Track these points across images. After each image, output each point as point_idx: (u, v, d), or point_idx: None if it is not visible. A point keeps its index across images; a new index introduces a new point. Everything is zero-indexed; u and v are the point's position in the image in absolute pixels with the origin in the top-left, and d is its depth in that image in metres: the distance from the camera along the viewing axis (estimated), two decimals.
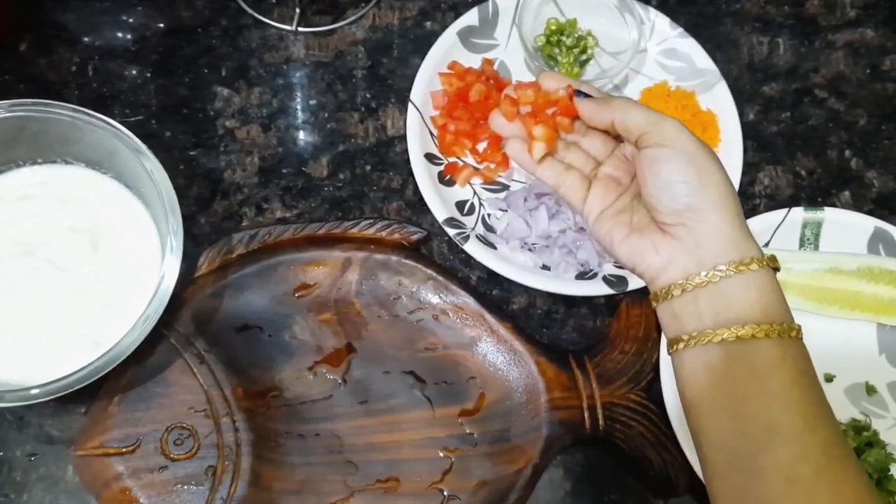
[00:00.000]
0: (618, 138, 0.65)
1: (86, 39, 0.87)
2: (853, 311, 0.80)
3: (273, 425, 0.73)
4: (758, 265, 0.57)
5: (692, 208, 0.58)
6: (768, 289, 0.57)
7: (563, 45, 0.89)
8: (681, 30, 0.90)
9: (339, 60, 0.89)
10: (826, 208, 0.82)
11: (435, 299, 0.78)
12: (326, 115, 0.87)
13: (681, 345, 0.58)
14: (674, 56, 0.90)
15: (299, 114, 0.87)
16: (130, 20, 0.88)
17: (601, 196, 0.65)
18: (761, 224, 0.81)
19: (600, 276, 0.80)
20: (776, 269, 0.58)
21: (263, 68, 0.88)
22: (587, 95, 0.64)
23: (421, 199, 0.81)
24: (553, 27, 0.89)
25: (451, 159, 0.84)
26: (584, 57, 0.90)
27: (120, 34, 0.88)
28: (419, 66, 0.86)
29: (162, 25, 0.88)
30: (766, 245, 0.82)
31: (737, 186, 0.84)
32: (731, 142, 0.86)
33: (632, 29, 0.87)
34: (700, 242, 0.58)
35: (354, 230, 0.80)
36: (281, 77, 0.88)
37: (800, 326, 0.57)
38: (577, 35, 0.90)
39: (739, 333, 0.55)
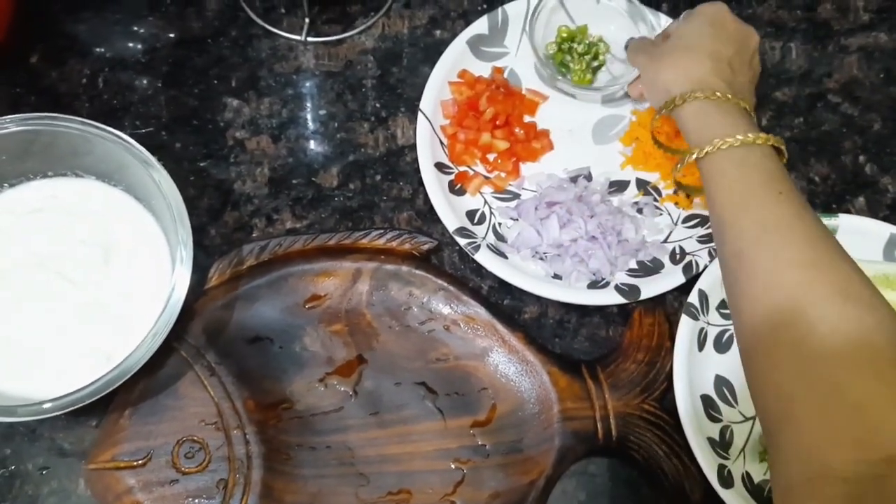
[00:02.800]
0: None
1: (97, 51, 0.87)
2: None
3: (284, 437, 0.72)
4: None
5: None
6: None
7: (574, 52, 0.89)
8: None
9: (348, 70, 0.89)
10: (840, 215, 0.81)
11: (446, 309, 0.77)
12: (336, 124, 0.87)
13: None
14: None
15: (309, 124, 0.86)
16: (141, 31, 0.89)
17: None
18: None
19: (612, 285, 0.79)
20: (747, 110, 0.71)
21: (273, 78, 0.88)
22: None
23: (431, 208, 0.81)
24: (564, 34, 0.89)
25: (462, 168, 0.84)
26: (595, 63, 0.89)
27: (130, 45, 0.88)
28: (429, 74, 0.86)
29: (172, 36, 0.89)
30: None
31: None
32: None
33: (643, 35, 0.87)
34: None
35: (365, 240, 0.79)
36: (291, 87, 0.88)
37: (756, 137, 0.66)
38: (588, 42, 0.89)
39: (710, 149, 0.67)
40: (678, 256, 0.81)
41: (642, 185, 0.85)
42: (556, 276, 0.80)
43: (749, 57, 0.77)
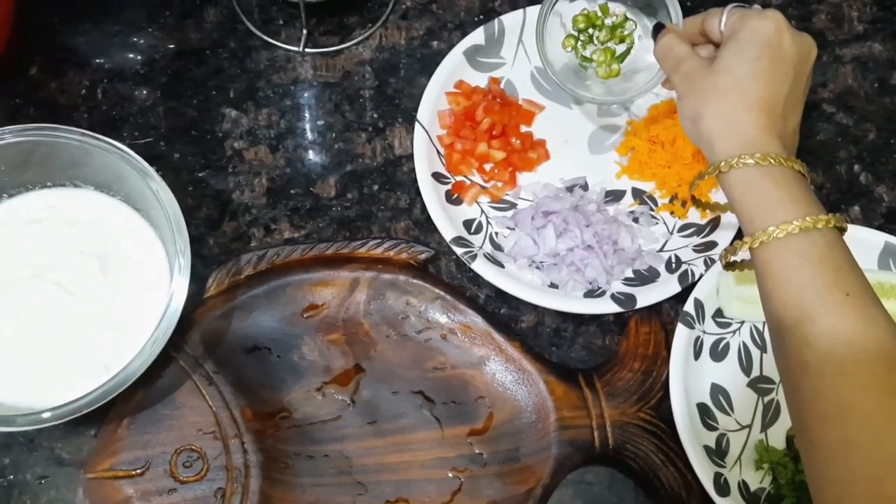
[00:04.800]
0: None
1: (96, 62, 0.88)
2: None
3: (282, 446, 0.73)
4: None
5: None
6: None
7: (596, 40, 0.81)
8: None
9: (346, 81, 0.89)
10: None
11: (443, 318, 0.78)
12: (334, 135, 0.87)
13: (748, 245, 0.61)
14: None
15: (307, 134, 0.87)
16: (140, 43, 0.89)
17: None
18: None
19: (608, 294, 0.79)
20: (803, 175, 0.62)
21: (271, 89, 0.88)
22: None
23: (428, 218, 0.81)
24: (581, 24, 0.80)
25: (459, 178, 0.85)
26: (623, 47, 0.81)
27: (129, 56, 0.89)
28: (426, 85, 0.86)
29: (171, 47, 0.89)
30: None
31: None
32: None
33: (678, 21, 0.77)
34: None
35: (362, 250, 0.80)
36: (289, 98, 0.88)
37: (816, 220, 0.58)
38: (610, 24, 0.80)
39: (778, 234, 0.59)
40: (674, 265, 0.81)
41: (638, 194, 0.85)
42: (553, 286, 0.80)
43: (805, 81, 0.67)
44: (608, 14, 0.80)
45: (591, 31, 0.80)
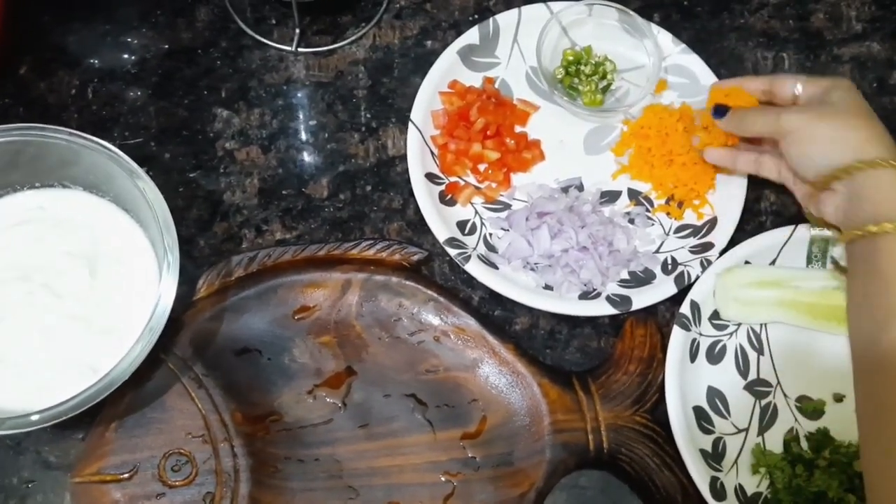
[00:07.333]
0: None
1: (86, 62, 0.87)
2: None
3: (272, 450, 0.72)
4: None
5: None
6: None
7: (582, 73, 0.88)
8: (684, 46, 0.89)
9: (339, 80, 0.89)
10: None
11: (436, 321, 0.77)
12: (327, 135, 0.86)
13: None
14: (677, 72, 0.89)
15: (299, 134, 0.86)
16: (131, 42, 0.88)
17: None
18: (768, 241, 0.80)
19: (603, 295, 0.79)
20: None
21: (263, 89, 0.87)
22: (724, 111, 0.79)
23: (422, 219, 0.80)
24: (570, 58, 0.89)
25: (452, 179, 0.84)
26: (604, 83, 0.88)
27: (120, 56, 0.88)
28: (420, 85, 0.86)
29: (163, 47, 0.88)
30: (773, 262, 0.80)
31: (742, 203, 0.83)
32: None
33: (651, 56, 0.87)
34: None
35: (354, 251, 0.79)
36: (281, 98, 0.87)
37: None
38: (594, 62, 0.89)
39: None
40: (670, 267, 0.80)
41: (634, 195, 0.84)
42: (548, 287, 0.80)
43: (859, 102, 0.73)
44: (591, 55, 0.89)
45: (578, 66, 0.88)
